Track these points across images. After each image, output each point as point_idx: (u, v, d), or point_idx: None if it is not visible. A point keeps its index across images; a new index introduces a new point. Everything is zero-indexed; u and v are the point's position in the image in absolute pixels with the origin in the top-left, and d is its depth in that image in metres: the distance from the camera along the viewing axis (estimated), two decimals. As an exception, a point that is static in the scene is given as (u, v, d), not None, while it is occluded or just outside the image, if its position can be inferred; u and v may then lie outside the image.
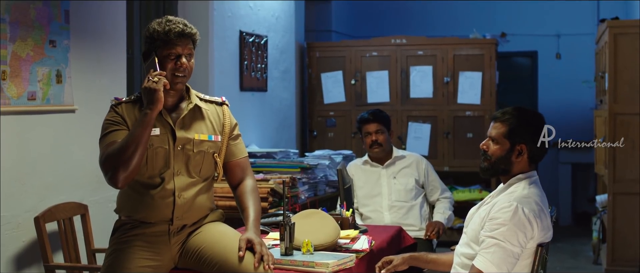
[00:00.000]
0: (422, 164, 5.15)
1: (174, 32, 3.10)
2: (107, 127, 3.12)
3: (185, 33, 3.13)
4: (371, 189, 5.07)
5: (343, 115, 8.05)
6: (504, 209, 3.05)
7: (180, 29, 3.11)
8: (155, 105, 3.01)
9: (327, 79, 8.07)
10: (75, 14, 4.45)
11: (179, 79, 3.13)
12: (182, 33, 3.12)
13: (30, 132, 4.18)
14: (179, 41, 3.11)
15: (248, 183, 3.34)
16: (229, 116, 3.36)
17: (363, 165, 5.17)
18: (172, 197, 3.14)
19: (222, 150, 3.31)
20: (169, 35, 3.09)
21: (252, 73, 6.71)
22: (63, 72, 4.36)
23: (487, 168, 3.27)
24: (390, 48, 7.93)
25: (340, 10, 9.58)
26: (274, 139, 7.21)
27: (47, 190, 4.30)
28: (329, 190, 5.73)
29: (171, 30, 3.10)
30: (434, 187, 5.14)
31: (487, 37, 8.01)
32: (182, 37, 3.12)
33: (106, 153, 3.02)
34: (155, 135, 3.12)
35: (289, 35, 7.57)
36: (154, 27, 3.14)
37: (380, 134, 5.03)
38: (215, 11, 6.02)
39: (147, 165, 3.11)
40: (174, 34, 3.10)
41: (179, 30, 3.11)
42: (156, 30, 3.11)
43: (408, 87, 7.87)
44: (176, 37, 3.10)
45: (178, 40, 3.11)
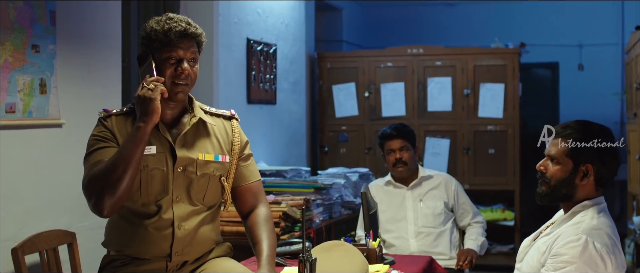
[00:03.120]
0: (452, 185, 4.76)
1: (175, 31, 2.69)
2: (93, 144, 2.72)
3: (188, 33, 2.72)
4: (395, 213, 4.68)
5: (356, 130, 7.76)
6: (571, 244, 2.65)
7: (182, 28, 2.71)
8: (151, 117, 2.60)
9: (339, 91, 7.80)
10: (62, 15, 4.09)
11: (180, 88, 2.72)
12: (185, 33, 2.71)
13: (9, 149, 3.83)
14: (180, 43, 2.71)
15: (261, 211, 2.93)
16: (238, 132, 2.96)
17: (385, 186, 4.78)
18: (171, 229, 2.75)
19: (231, 173, 2.90)
20: (168, 35, 2.69)
21: (260, 84, 6.36)
22: (48, 81, 4.02)
23: (546, 193, 2.86)
24: (406, 58, 7.65)
25: (351, 20, 9.31)
26: (284, 156, 6.90)
27: (28, 217, 3.94)
28: (345, 212, 5.42)
29: (171, 30, 2.69)
30: (464, 210, 4.76)
31: (510, 46, 7.67)
32: (184, 38, 2.72)
33: (90, 174, 2.62)
34: (151, 155, 2.71)
35: (299, 44, 7.26)
36: (151, 25, 2.74)
37: (404, 151, 4.65)
38: (221, 16, 5.67)
39: (140, 190, 2.72)
40: (175, 34, 2.69)
41: (180, 29, 2.70)
42: (154, 29, 2.71)
43: (425, 99, 7.59)
44: (177, 37, 2.70)
45: (179, 42, 2.71)
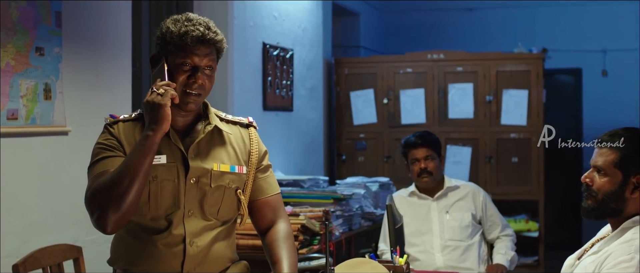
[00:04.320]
0: (480, 196, 4.51)
1: (192, 36, 2.44)
2: (98, 152, 2.49)
3: (206, 39, 2.47)
4: (420, 226, 4.44)
5: (374, 138, 7.51)
6: (624, 264, 2.42)
7: (200, 33, 2.45)
8: (160, 125, 2.36)
9: (357, 97, 7.55)
10: (68, 16, 3.91)
11: (191, 98, 2.48)
12: (203, 38, 2.46)
13: (11, 158, 3.64)
14: (197, 49, 2.46)
15: (281, 227, 2.68)
16: (257, 141, 2.72)
17: (409, 196, 4.54)
18: (182, 245, 2.52)
19: (248, 185, 2.66)
20: (184, 39, 2.44)
21: (277, 90, 6.14)
22: (53, 86, 3.83)
23: (593, 208, 2.62)
24: (427, 64, 7.39)
25: (368, 25, 9.06)
26: (301, 165, 6.67)
27: (30, 230, 3.74)
28: (365, 224, 5.18)
29: (188, 34, 2.44)
30: (493, 222, 4.50)
31: (534, 51, 7.42)
32: (201, 44, 2.46)
33: (93, 186, 2.39)
34: (161, 165, 2.48)
35: (317, 49, 7.04)
36: (168, 26, 2.49)
37: (430, 160, 4.42)
38: (236, 20, 5.45)
39: (149, 203, 2.49)
40: (191, 39, 2.44)
41: (198, 34, 2.45)
42: (170, 31, 2.46)
43: (446, 106, 7.34)
44: (194, 43, 2.45)
45: (196, 48, 2.45)
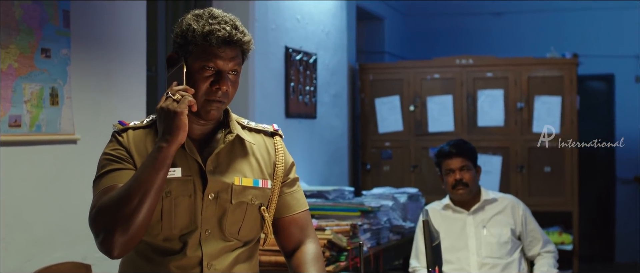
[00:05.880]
0: (519, 209, 4.24)
1: (218, 36, 2.13)
2: (105, 165, 2.21)
3: (233, 40, 2.16)
4: (455, 241, 4.18)
5: (400, 146, 7.30)
6: None
7: (226, 33, 2.14)
8: (175, 135, 2.08)
9: (382, 104, 7.34)
10: (77, 15, 3.66)
11: (214, 106, 2.18)
12: (229, 39, 2.15)
13: (12, 169, 3.39)
14: (222, 51, 2.15)
15: (309, 248, 2.38)
16: (283, 152, 2.43)
17: (443, 210, 4.28)
18: (199, 269, 2.22)
19: (273, 201, 2.37)
20: (209, 39, 2.13)
21: (300, 97, 5.90)
22: (60, 90, 3.58)
23: None
24: (455, 69, 7.18)
25: (393, 30, 8.85)
26: (325, 174, 6.43)
27: (35, 247, 3.50)
28: (393, 238, 4.95)
29: (213, 33, 2.13)
30: (534, 238, 4.23)
31: (567, 56, 7.15)
32: (227, 46, 2.16)
33: (99, 204, 2.11)
34: (176, 179, 2.19)
35: (341, 54, 6.80)
36: (189, 22, 2.18)
37: (465, 171, 4.16)
38: (257, 22, 5.22)
39: (162, 222, 2.20)
40: (217, 40, 2.13)
41: (224, 34, 2.14)
42: (191, 28, 2.16)
43: (475, 113, 7.12)
44: (219, 44, 2.14)
45: (221, 50, 2.15)
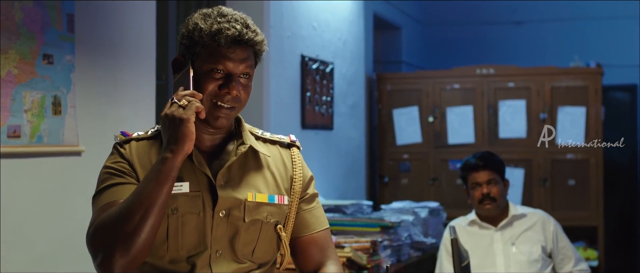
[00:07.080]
0: (550, 226, 4.04)
1: (227, 36, 1.96)
2: (105, 179, 2.02)
3: (244, 39, 1.98)
4: (482, 259, 3.99)
5: (419, 159, 7.13)
6: None
7: (236, 31, 1.97)
8: (181, 144, 1.90)
9: (400, 115, 7.18)
10: (82, 19, 3.46)
11: (223, 112, 2.00)
12: (240, 39, 1.97)
13: (12, 183, 3.21)
14: (232, 52, 1.97)
15: (330, 271, 2.17)
16: (300, 165, 2.24)
17: (469, 226, 4.10)
18: None
19: (290, 219, 2.16)
20: (217, 39, 1.96)
21: (316, 107, 5.74)
22: (63, 99, 3.38)
23: None
24: (475, 79, 7.00)
25: (411, 39, 8.67)
26: (341, 188, 6.26)
27: (35, 265, 3.32)
28: (414, 254, 4.78)
29: (222, 32, 1.96)
30: (565, 256, 4.03)
31: (591, 65, 6.95)
32: (238, 46, 1.98)
33: (98, 221, 1.93)
34: (183, 194, 2.00)
35: (358, 63, 6.64)
36: (196, 21, 2.01)
37: (493, 185, 3.99)
38: (272, 29, 5.05)
39: (168, 242, 2.01)
40: (226, 40, 1.96)
41: (234, 33, 1.96)
42: (198, 28, 1.98)
43: (497, 125, 6.92)
44: (229, 44, 1.97)
45: (231, 51, 1.97)
